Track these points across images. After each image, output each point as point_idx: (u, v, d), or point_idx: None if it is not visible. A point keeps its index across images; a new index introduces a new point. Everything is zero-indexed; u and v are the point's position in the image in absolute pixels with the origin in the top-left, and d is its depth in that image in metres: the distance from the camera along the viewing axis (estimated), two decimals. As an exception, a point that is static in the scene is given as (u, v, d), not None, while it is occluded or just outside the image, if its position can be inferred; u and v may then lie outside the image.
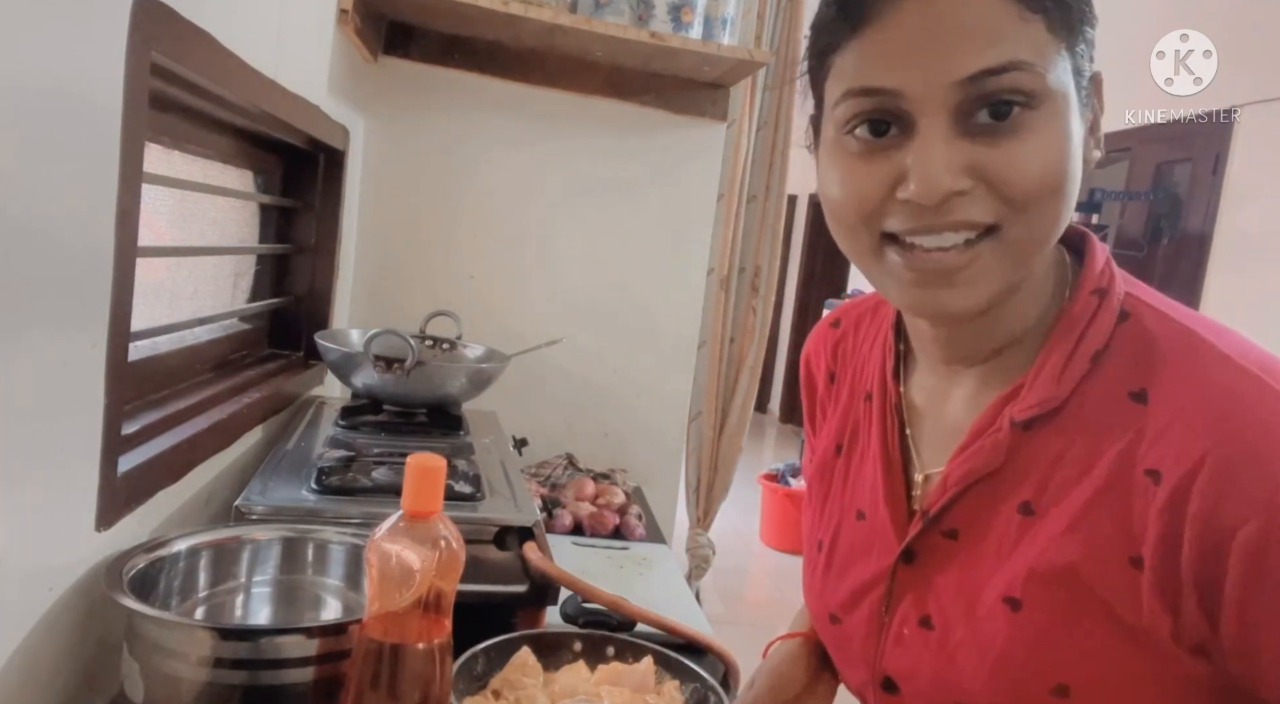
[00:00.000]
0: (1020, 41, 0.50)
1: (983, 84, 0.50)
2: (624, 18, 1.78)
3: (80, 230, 0.72)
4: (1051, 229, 0.54)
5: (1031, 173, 0.51)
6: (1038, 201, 0.52)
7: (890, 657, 0.63)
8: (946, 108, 0.51)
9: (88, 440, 0.77)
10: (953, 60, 0.50)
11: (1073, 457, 0.54)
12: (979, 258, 0.53)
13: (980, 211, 0.52)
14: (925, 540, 0.61)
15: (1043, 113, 0.51)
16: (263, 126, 1.35)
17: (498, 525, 1.01)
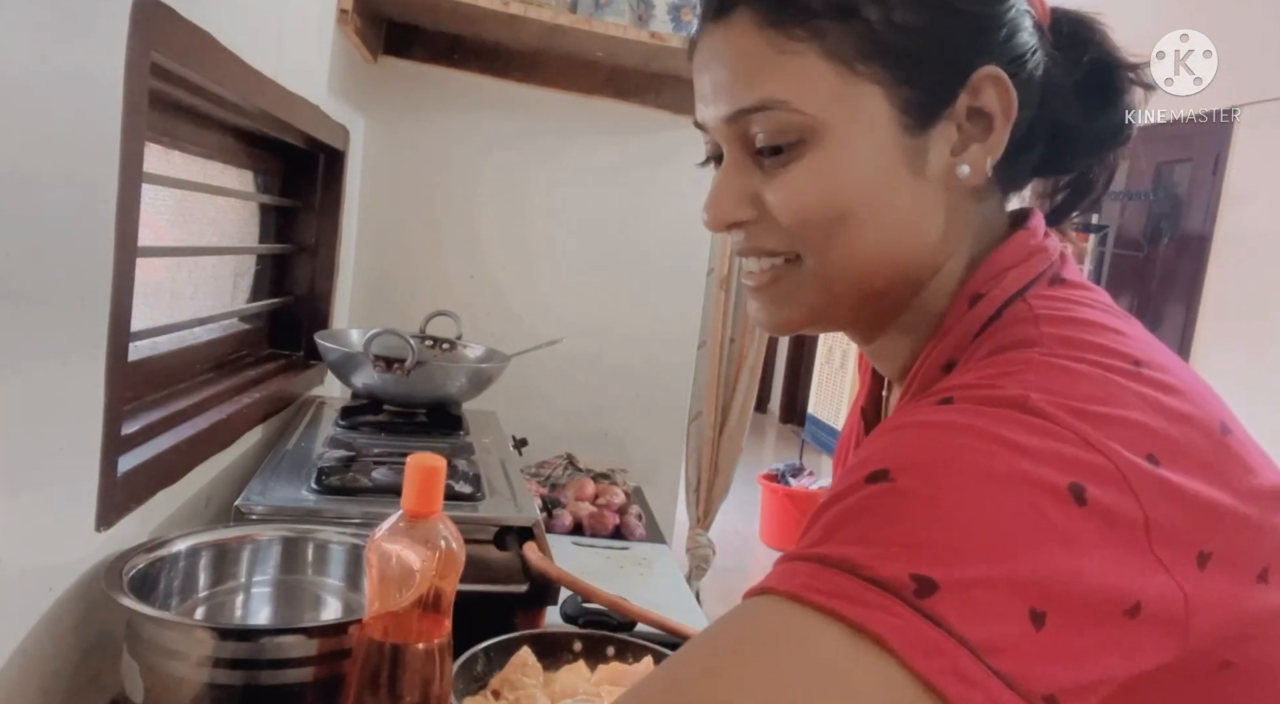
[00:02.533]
0: (779, 77, 0.49)
1: (743, 123, 0.51)
2: (624, 18, 1.78)
3: (80, 230, 0.72)
4: (847, 259, 0.51)
5: (796, 206, 0.50)
6: (814, 233, 0.51)
7: None
8: (735, 141, 0.52)
9: (88, 440, 0.77)
10: (721, 98, 0.51)
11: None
12: (778, 281, 0.54)
13: (772, 241, 0.53)
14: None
15: (816, 145, 0.49)
16: (263, 126, 1.35)
17: (498, 525, 1.01)
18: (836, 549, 0.38)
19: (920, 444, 0.41)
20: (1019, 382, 0.42)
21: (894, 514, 0.38)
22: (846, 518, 0.39)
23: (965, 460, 0.39)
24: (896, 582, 0.36)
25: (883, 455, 0.41)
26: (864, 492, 0.39)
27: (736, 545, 4.20)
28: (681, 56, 1.82)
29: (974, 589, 0.36)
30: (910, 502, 0.38)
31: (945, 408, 0.42)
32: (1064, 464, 0.39)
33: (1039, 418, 0.40)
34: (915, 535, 0.37)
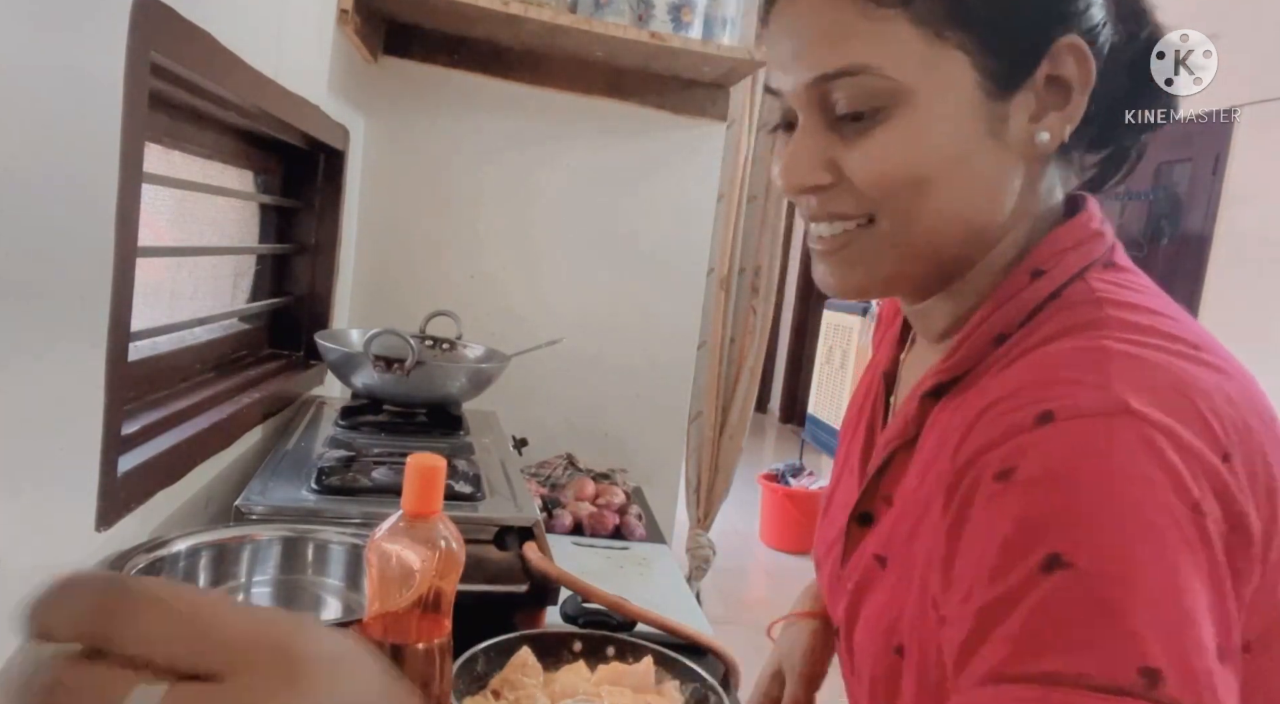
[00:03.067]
0: (867, 42, 0.49)
1: (827, 87, 0.51)
2: (624, 18, 1.78)
3: (80, 230, 0.72)
4: (925, 224, 0.53)
5: (877, 171, 0.51)
6: (892, 199, 0.52)
7: (837, 608, 0.64)
8: (814, 106, 0.52)
9: (88, 440, 0.77)
10: (803, 63, 0.51)
11: (951, 429, 0.52)
12: (851, 244, 0.54)
13: (848, 205, 0.53)
14: (871, 502, 0.61)
15: (901, 110, 0.50)
16: (263, 126, 1.35)
17: (498, 525, 1.01)
18: (1055, 664, 0.37)
19: (1079, 507, 0.39)
20: (1108, 379, 0.42)
21: (1095, 608, 0.37)
22: (1044, 621, 0.38)
23: (1130, 529, 0.39)
24: (1129, 684, 0.36)
25: (1038, 526, 0.39)
26: (1047, 585, 0.38)
27: (736, 545, 4.19)
28: (681, 56, 1.83)
29: (1190, 659, 0.36)
30: (1105, 587, 0.38)
31: (1057, 440, 0.41)
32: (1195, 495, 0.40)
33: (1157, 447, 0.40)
34: (1126, 626, 0.37)
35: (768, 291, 2.49)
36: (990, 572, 0.41)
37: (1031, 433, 0.42)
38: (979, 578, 0.41)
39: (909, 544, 0.53)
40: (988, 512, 0.42)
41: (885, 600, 0.54)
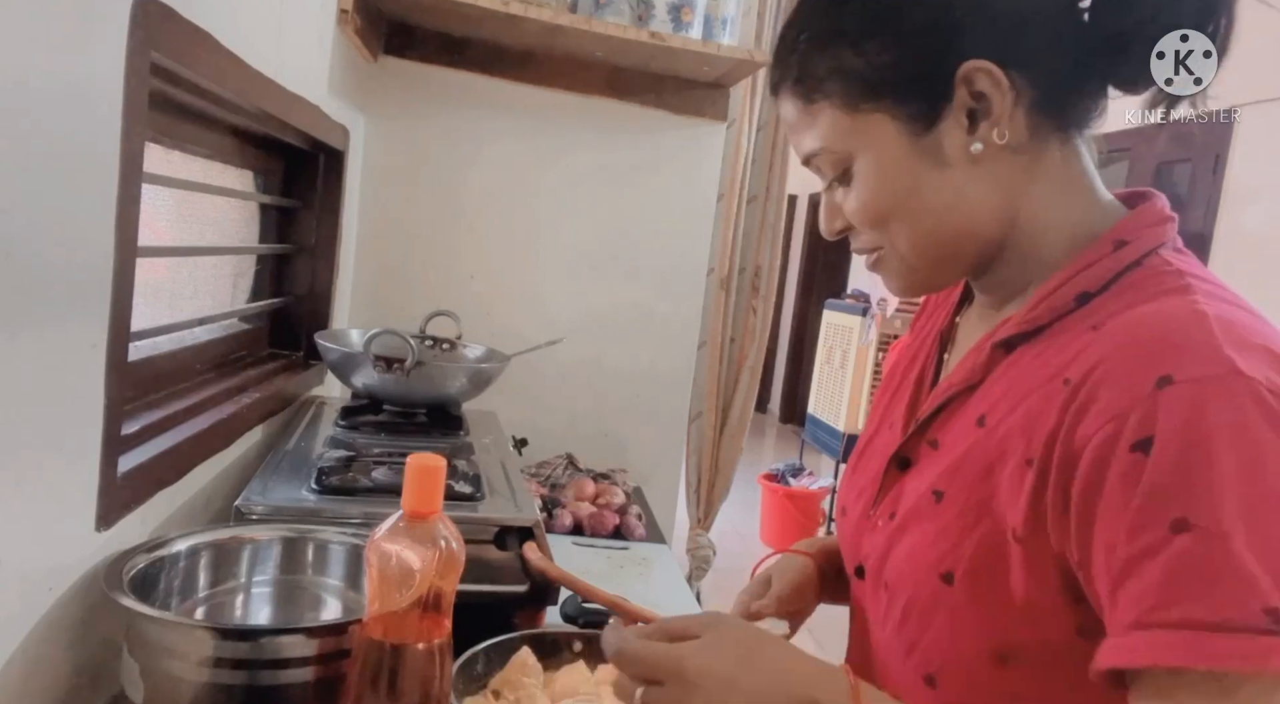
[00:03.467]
0: (815, 131, 0.64)
1: (811, 165, 0.67)
2: (624, 18, 1.78)
3: (80, 230, 0.72)
4: (911, 243, 0.64)
5: (862, 212, 0.64)
6: (877, 230, 0.65)
7: (865, 546, 0.70)
8: (818, 174, 0.67)
9: (88, 441, 0.77)
10: (798, 148, 0.67)
11: (1026, 376, 0.59)
12: (881, 263, 0.67)
13: (862, 240, 0.67)
14: (914, 447, 0.68)
15: (860, 167, 0.63)
16: (263, 126, 1.35)
17: (498, 525, 1.01)
18: (1189, 612, 0.45)
19: (1200, 472, 0.46)
20: (1214, 340, 0.48)
21: (1219, 562, 0.45)
22: (1174, 575, 0.46)
23: (1246, 490, 0.45)
24: (1256, 622, 0.43)
25: (1167, 493, 0.46)
26: (1176, 545, 0.46)
27: (737, 545, 4.19)
28: (681, 56, 1.83)
29: None
30: (1226, 543, 0.45)
31: (1178, 406, 0.47)
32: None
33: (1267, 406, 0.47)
34: (1247, 574, 0.44)
35: (768, 292, 2.49)
36: (1128, 531, 0.48)
37: (1154, 396, 0.48)
38: (1118, 535, 0.48)
39: (979, 483, 0.58)
40: (1128, 478, 0.48)
41: (937, 531, 0.59)
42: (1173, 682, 0.46)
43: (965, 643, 0.58)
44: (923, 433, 0.67)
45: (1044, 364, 0.57)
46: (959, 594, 0.57)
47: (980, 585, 0.56)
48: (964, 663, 0.58)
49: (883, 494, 0.69)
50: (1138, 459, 0.47)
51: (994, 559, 0.55)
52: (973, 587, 0.57)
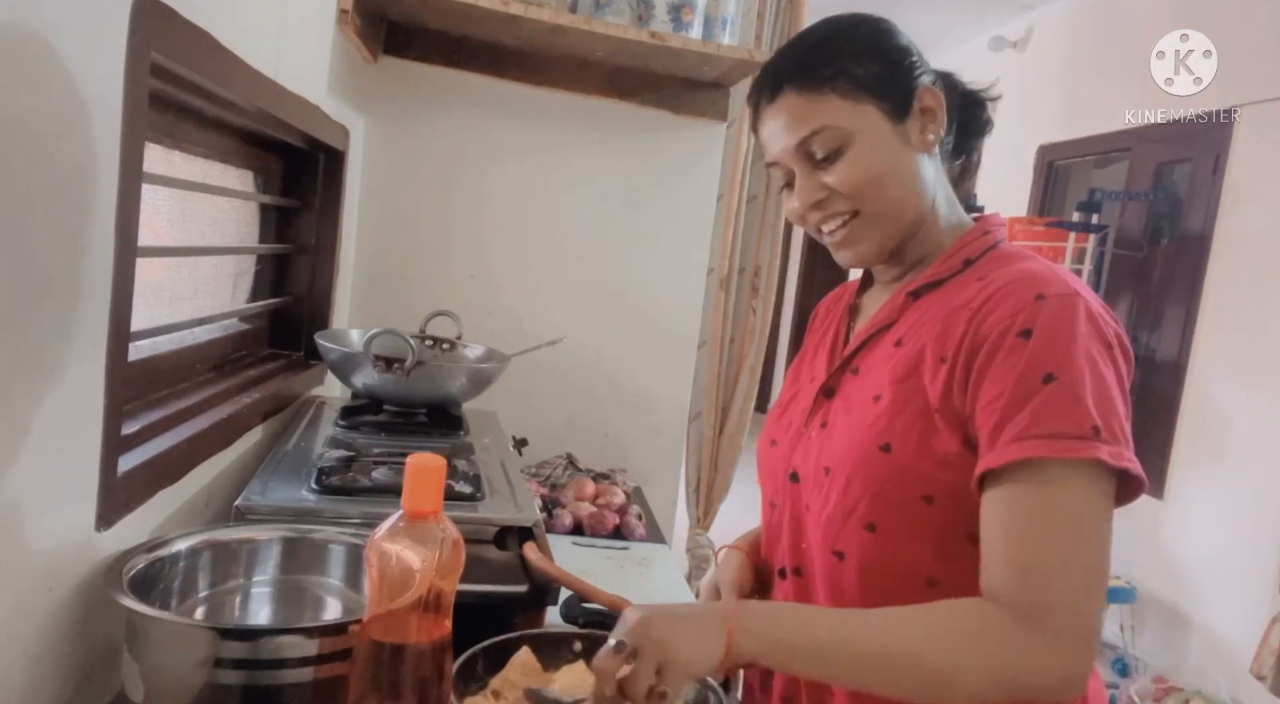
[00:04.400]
0: (822, 113, 0.82)
1: (808, 145, 0.83)
2: (624, 18, 1.78)
3: (80, 230, 0.72)
4: (893, 203, 0.84)
5: (855, 179, 0.82)
6: (870, 189, 0.83)
7: (798, 454, 0.89)
8: (799, 160, 0.84)
9: (88, 440, 0.77)
10: (789, 137, 0.84)
11: (934, 310, 0.83)
12: (854, 229, 0.85)
13: (840, 205, 0.84)
14: (839, 378, 0.90)
15: (852, 144, 0.82)
16: (263, 126, 1.35)
17: (498, 525, 1.01)
18: (1049, 428, 0.70)
19: (1060, 349, 0.72)
20: (1062, 278, 0.77)
21: (1070, 400, 0.71)
22: (1044, 409, 0.71)
23: (1086, 359, 0.72)
24: (1085, 433, 0.70)
25: (1041, 360, 0.72)
26: (1045, 390, 0.71)
27: (736, 545, 4.19)
28: (681, 56, 1.83)
29: (1112, 422, 0.71)
30: (1074, 389, 0.71)
31: (1049, 309, 0.74)
32: (1109, 338, 0.75)
33: (1092, 312, 0.75)
34: (1084, 406, 0.70)
35: (768, 291, 2.49)
36: (1013, 385, 0.72)
37: (1035, 304, 0.74)
38: (1005, 389, 0.72)
39: (905, 380, 0.81)
40: (1012, 354, 0.73)
41: (874, 418, 0.81)
42: (1032, 470, 0.70)
43: (900, 492, 0.79)
44: (845, 366, 0.89)
45: (944, 303, 0.82)
46: (895, 455, 0.78)
47: (910, 447, 0.78)
48: (899, 508, 0.79)
49: (812, 416, 0.90)
50: (1020, 342, 0.73)
51: (920, 426, 0.78)
52: (904, 449, 0.78)
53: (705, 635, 0.71)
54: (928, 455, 0.77)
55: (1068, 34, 4.07)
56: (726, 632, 0.71)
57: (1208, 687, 2.83)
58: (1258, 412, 2.90)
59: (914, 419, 0.79)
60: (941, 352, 0.78)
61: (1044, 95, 4.09)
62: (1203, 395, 3.14)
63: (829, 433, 0.86)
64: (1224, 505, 2.98)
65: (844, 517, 0.82)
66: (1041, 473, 0.70)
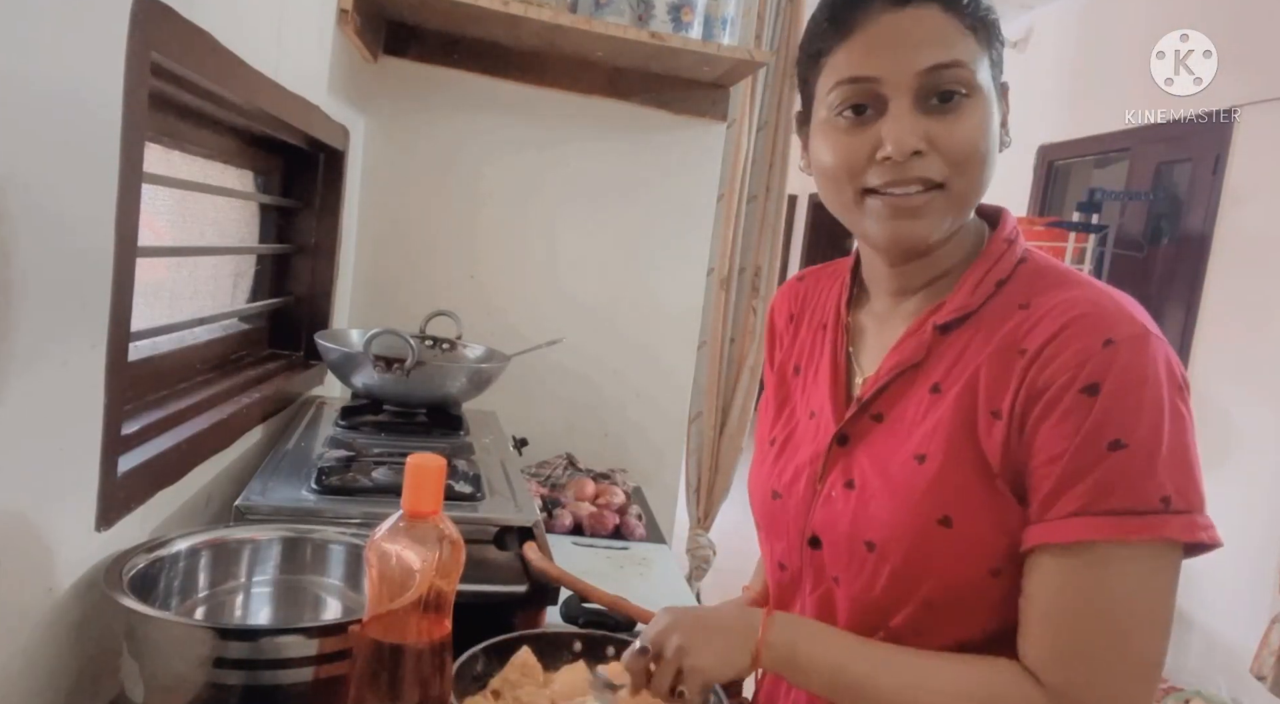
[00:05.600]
0: (961, 48, 0.70)
1: (937, 74, 0.69)
2: (624, 18, 1.78)
3: (80, 230, 0.72)
4: (980, 188, 0.73)
5: (967, 143, 0.70)
6: (971, 165, 0.70)
7: (818, 517, 0.78)
8: (910, 92, 0.70)
9: (88, 440, 0.77)
10: (916, 56, 0.69)
11: (973, 349, 0.72)
12: (932, 202, 0.71)
13: (933, 171, 0.70)
14: (856, 424, 0.78)
15: (975, 101, 0.70)
16: (263, 126, 1.35)
17: (498, 525, 1.01)
18: (1114, 504, 0.62)
19: (1128, 407, 0.63)
20: (1129, 313, 0.67)
21: (1139, 471, 0.63)
22: (1108, 480, 0.63)
23: (1160, 418, 0.63)
24: (1154, 507, 0.62)
25: (1108, 422, 0.63)
26: (1112, 459, 0.63)
27: (736, 545, 4.18)
28: (681, 56, 1.83)
29: (1186, 487, 0.63)
30: (1144, 458, 0.63)
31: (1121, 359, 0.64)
32: (1181, 381, 0.66)
33: (1166, 354, 0.65)
34: (1156, 478, 0.62)
35: (768, 291, 2.49)
36: (1075, 449, 0.64)
37: (1103, 353, 0.64)
38: (1065, 452, 0.64)
39: (957, 438, 0.70)
40: (1075, 412, 0.64)
41: (927, 486, 0.70)
42: (1089, 547, 0.63)
43: (966, 569, 0.70)
44: (865, 411, 0.78)
45: (985, 339, 0.72)
46: (958, 531, 0.69)
47: (973, 518, 0.69)
48: (964, 586, 0.70)
49: (828, 469, 0.79)
50: (1085, 400, 0.64)
51: (982, 493, 0.69)
52: (967, 521, 0.69)
53: (730, 644, 0.71)
54: (994, 526, 0.68)
55: (1068, 34, 4.07)
56: (755, 643, 0.71)
57: (1208, 687, 2.83)
58: (1258, 412, 2.90)
59: (974, 486, 0.69)
60: (994, 404, 0.68)
61: (1044, 95, 4.09)
62: (1203, 395, 3.14)
63: (862, 498, 0.75)
64: (1224, 505, 2.96)
65: (900, 598, 0.73)
66: (1101, 553, 0.63)
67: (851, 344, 0.85)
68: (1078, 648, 0.64)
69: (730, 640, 0.71)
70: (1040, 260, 0.76)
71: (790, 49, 2.27)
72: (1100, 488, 0.63)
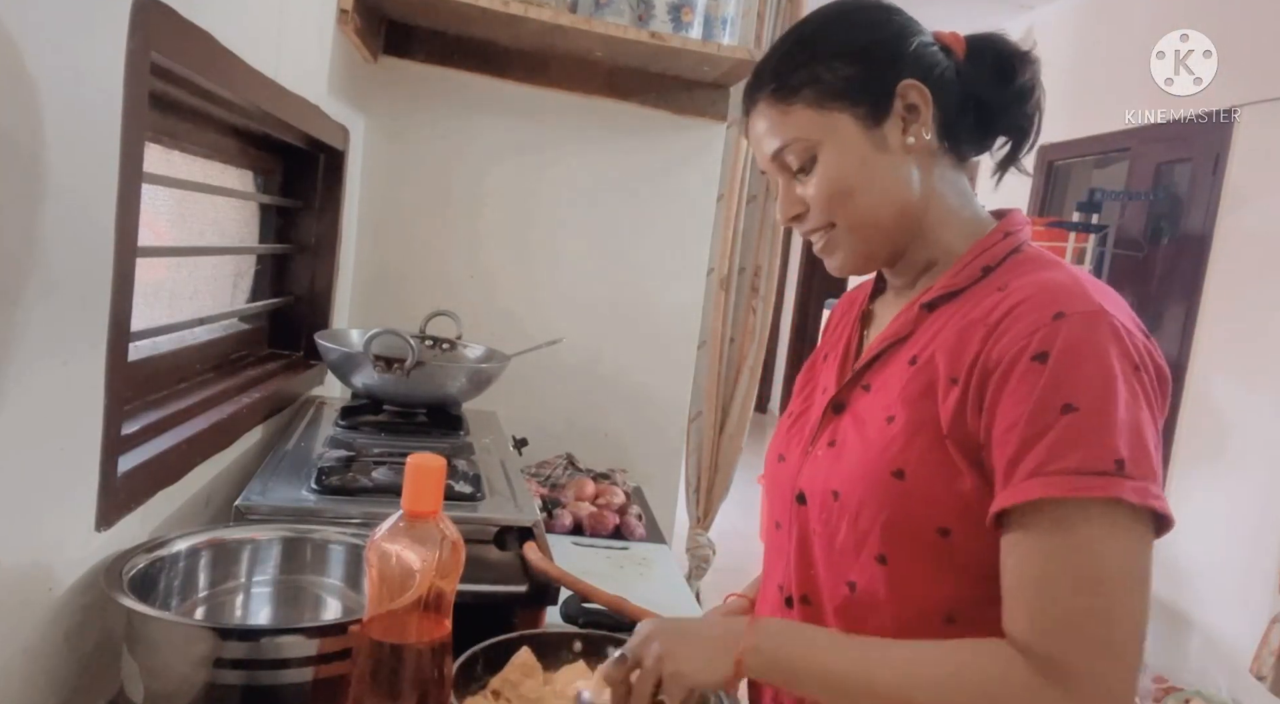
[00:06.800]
0: (790, 126, 0.80)
1: (781, 156, 0.81)
2: (624, 18, 1.78)
3: (80, 230, 0.72)
4: (868, 213, 0.80)
5: (825, 190, 0.79)
6: (837, 202, 0.80)
7: (805, 474, 0.84)
8: (776, 170, 0.83)
9: (88, 440, 0.77)
10: (763, 147, 0.83)
11: (950, 326, 0.77)
12: (832, 240, 0.83)
13: (816, 219, 0.82)
14: (849, 393, 0.84)
15: (825, 155, 0.79)
16: (263, 126, 1.35)
17: (498, 525, 1.01)
18: (1069, 463, 0.64)
19: (1081, 374, 0.66)
20: (1086, 292, 0.70)
21: (1092, 432, 0.65)
22: (1063, 441, 0.65)
23: (1110, 386, 0.66)
24: (1109, 468, 0.64)
25: (1060, 388, 0.66)
26: (1064, 421, 0.65)
27: (736, 545, 4.19)
28: (681, 56, 1.83)
29: (1139, 454, 0.65)
30: (1097, 419, 0.65)
31: (1068, 329, 0.67)
32: (1136, 358, 0.68)
33: (1118, 332, 0.68)
34: (1109, 440, 0.65)
35: (768, 291, 2.49)
36: (1029, 415, 0.66)
37: (1052, 325, 0.68)
38: (1020, 418, 0.67)
39: (919, 402, 0.75)
40: (1027, 379, 0.67)
41: (887, 442, 0.76)
42: (1049, 511, 0.65)
43: (914, 523, 0.74)
44: (857, 381, 0.84)
45: (962, 316, 0.76)
46: (909, 484, 0.73)
47: (924, 475, 0.73)
48: (912, 541, 0.74)
49: (820, 432, 0.85)
50: (1036, 366, 0.67)
51: (936, 452, 0.73)
52: (919, 476, 0.73)
53: (711, 652, 0.72)
54: (943, 485, 0.72)
55: (1068, 34, 4.07)
56: (738, 651, 0.71)
57: (1208, 687, 2.83)
58: (1258, 412, 2.90)
59: (929, 444, 0.73)
60: (953, 371, 0.73)
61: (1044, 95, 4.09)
62: (1203, 395, 3.14)
63: (838, 453, 0.81)
64: (1224, 505, 2.97)
65: (855, 547, 0.77)
66: (1059, 514, 0.65)
67: (866, 328, 0.93)
68: (1054, 613, 0.65)
69: (712, 646, 0.72)
70: (1034, 253, 0.80)
71: (790, 49, 2.27)
72: (1053, 449, 0.65)
